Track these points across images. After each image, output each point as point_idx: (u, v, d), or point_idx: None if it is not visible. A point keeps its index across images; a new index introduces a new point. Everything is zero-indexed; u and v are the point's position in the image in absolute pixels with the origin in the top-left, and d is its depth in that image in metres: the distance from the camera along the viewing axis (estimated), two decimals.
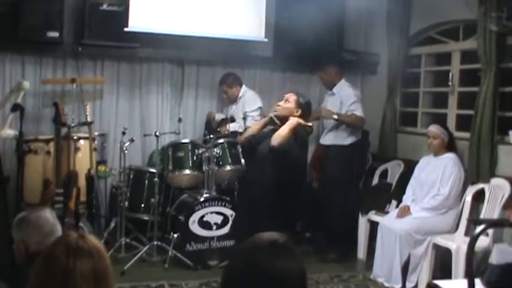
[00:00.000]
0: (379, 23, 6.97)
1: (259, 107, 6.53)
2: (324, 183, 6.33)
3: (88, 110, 5.80)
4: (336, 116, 6.12)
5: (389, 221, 5.54)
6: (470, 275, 2.76)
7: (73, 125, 5.63)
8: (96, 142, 5.97)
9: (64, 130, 5.41)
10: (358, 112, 6.20)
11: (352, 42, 7.25)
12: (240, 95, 6.56)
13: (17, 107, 5.14)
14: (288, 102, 5.56)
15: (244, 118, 6.25)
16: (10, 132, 5.47)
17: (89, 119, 5.76)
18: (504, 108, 5.49)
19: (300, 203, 5.87)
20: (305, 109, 5.59)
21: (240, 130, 6.32)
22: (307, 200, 6.51)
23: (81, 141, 5.82)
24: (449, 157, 5.50)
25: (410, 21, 6.66)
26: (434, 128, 5.57)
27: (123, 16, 6.02)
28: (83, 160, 5.68)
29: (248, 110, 6.36)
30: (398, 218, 5.46)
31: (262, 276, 1.72)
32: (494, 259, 4.35)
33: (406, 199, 5.66)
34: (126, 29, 6.00)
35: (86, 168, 5.60)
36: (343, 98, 6.25)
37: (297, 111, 5.52)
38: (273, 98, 6.93)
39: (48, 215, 2.85)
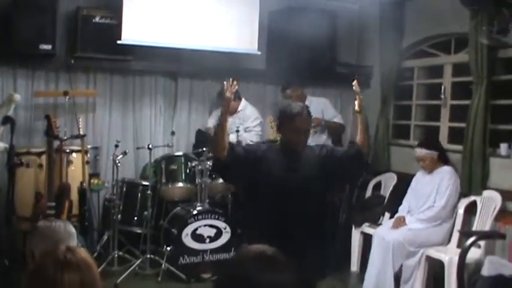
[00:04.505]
0: (372, 36, 7.00)
1: (261, 121, 6.58)
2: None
3: (81, 123, 5.81)
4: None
5: (383, 231, 5.54)
6: (460, 284, 2.76)
7: (65, 138, 5.64)
8: (88, 155, 5.98)
9: (56, 143, 5.41)
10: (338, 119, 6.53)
11: (345, 56, 7.29)
12: (239, 108, 6.56)
13: (7, 120, 5.12)
14: None
15: (238, 131, 6.27)
16: (0, 145, 5.45)
17: (81, 132, 5.78)
18: (496, 121, 5.52)
19: None
20: None
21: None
22: None
23: (74, 154, 5.82)
24: (445, 170, 5.51)
25: (403, 35, 6.69)
26: (419, 152, 5.58)
27: (116, 29, 6.03)
28: (75, 173, 5.68)
29: (251, 126, 6.44)
30: (393, 229, 5.47)
31: (249, 287, 1.71)
32: (485, 271, 4.36)
33: (402, 210, 5.67)
34: (119, 42, 6.00)
35: (78, 181, 5.60)
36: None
37: None
38: (266, 111, 6.96)
39: (60, 226, 2.81)
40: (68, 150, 5.75)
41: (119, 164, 5.76)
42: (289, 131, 3.65)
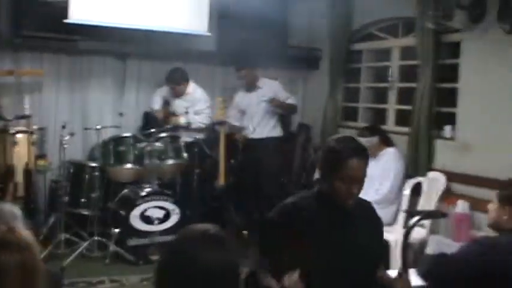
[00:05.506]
0: (322, 19, 7.03)
1: (210, 104, 6.60)
2: (262, 178, 6.40)
3: (27, 103, 5.70)
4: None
5: None
6: (404, 263, 2.83)
7: (10, 118, 5.52)
8: (35, 136, 5.86)
9: (1, 123, 5.30)
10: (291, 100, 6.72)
11: (295, 38, 7.31)
12: (188, 91, 6.54)
13: None
14: None
15: (187, 113, 6.29)
16: None
17: (27, 112, 5.66)
18: (441, 104, 5.62)
19: None
20: None
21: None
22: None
23: (19, 135, 5.70)
24: (389, 152, 5.61)
25: (352, 18, 6.74)
26: None
27: (63, 7, 5.88)
28: (20, 154, 5.57)
29: (202, 108, 6.49)
30: None
31: (192, 266, 1.71)
32: (429, 249, 4.48)
33: None
34: (66, 21, 5.88)
35: (23, 163, 5.49)
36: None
37: None
38: (216, 92, 6.95)
39: (5, 208, 2.75)
40: (13, 131, 5.63)
41: (65, 145, 5.66)
42: (339, 180, 2.69)
